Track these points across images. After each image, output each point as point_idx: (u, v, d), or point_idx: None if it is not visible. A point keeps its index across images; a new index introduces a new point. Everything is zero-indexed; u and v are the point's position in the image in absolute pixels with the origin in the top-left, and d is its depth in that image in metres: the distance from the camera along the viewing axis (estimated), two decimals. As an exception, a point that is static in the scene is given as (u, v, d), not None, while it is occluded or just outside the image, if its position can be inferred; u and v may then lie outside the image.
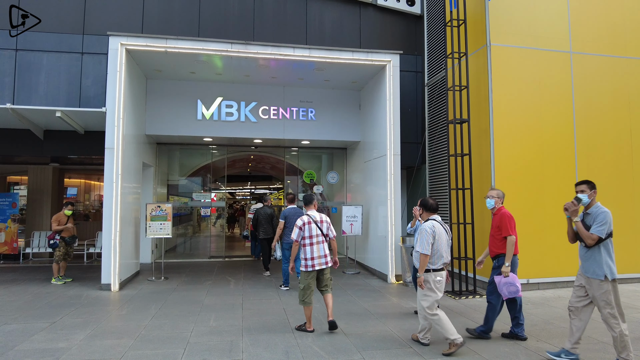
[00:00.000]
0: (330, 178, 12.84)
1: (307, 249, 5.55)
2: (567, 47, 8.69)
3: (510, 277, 5.20)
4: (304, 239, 5.58)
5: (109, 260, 7.96)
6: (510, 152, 8.21)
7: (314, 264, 5.51)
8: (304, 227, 5.59)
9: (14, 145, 9.91)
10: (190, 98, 10.46)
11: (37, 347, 4.91)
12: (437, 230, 4.95)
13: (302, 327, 5.65)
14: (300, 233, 5.58)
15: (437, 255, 4.92)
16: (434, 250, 4.90)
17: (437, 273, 4.93)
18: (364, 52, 9.22)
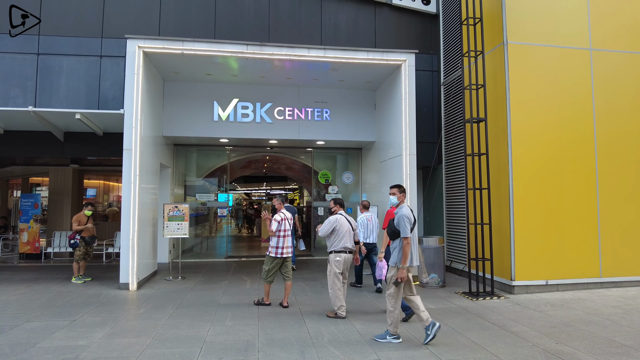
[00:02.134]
0: (345, 178, 12.82)
1: (281, 239, 6.71)
2: (586, 44, 8.52)
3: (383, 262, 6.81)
4: (279, 231, 6.69)
5: (127, 260, 8.08)
6: (528, 152, 8.08)
7: (282, 252, 6.70)
8: (282, 223, 6.74)
9: (36, 147, 10.14)
10: (207, 99, 10.56)
11: (58, 345, 5.00)
12: (340, 221, 6.38)
13: (261, 301, 6.90)
14: (278, 226, 6.70)
15: (337, 240, 6.29)
16: (335, 235, 6.31)
17: (337, 254, 6.30)
18: (379, 52, 9.18)
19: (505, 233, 8.10)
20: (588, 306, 6.94)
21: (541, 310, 6.70)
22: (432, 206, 11.28)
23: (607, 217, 8.31)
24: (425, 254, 8.54)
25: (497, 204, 8.25)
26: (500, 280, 8.16)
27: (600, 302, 7.19)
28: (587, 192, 8.29)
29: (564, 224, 8.09)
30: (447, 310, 6.72)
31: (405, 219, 5.17)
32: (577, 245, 8.13)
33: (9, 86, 9.66)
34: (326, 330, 5.59)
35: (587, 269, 8.15)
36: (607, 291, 8.02)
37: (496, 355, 4.73)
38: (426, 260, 8.52)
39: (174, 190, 11.77)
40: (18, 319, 6.05)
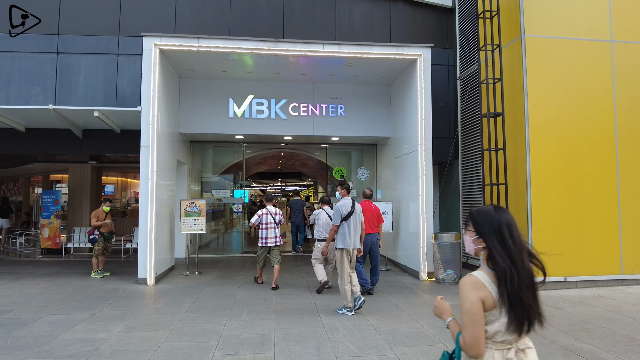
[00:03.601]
0: (360, 174, 12.79)
1: (264, 231, 7.97)
2: (607, 36, 8.33)
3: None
4: (260, 224, 7.95)
5: (145, 255, 8.20)
6: (546, 146, 7.95)
7: (266, 242, 7.96)
8: (262, 217, 7.98)
9: (56, 144, 10.35)
10: (222, 96, 10.63)
11: (79, 337, 5.11)
12: (320, 215, 7.67)
13: (256, 278, 8.47)
14: (258, 219, 7.98)
15: (318, 230, 7.59)
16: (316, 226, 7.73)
17: (318, 242, 7.59)
18: (394, 47, 9.11)
19: (522, 229, 7.97)
20: (608, 303, 6.82)
21: (559, 307, 6.60)
22: (448, 202, 11.18)
23: (629, 213, 8.13)
24: (441, 250, 8.48)
25: (514, 200, 8.15)
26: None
27: (621, 300, 7.05)
28: (608, 187, 8.12)
29: (583, 220, 7.95)
30: (464, 306, 6.67)
31: (337, 211, 6.29)
32: (597, 241, 7.98)
33: (30, 85, 9.85)
34: (341, 325, 5.60)
35: (607, 265, 8.00)
36: (628, 288, 7.87)
37: (513, 352, 4.68)
38: (442, 257, 8.46)
39: (190, 187, 11.89)
40: (41, 312, 6.20)
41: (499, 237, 1.93)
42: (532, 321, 1.90)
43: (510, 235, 1.93)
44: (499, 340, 1.90)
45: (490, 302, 1.88)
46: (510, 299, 1.85)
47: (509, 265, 1.87)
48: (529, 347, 1.96)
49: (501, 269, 1.87)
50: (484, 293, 1.88)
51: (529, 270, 1.93)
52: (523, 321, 1.87)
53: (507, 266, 1.87)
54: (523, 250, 1.94)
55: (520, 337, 1.94)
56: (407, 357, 4.53)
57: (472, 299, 1.87)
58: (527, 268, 1.93)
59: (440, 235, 8.64)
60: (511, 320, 1.86)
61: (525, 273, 1.91)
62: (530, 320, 1.89)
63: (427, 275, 8.83)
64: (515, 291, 1.85)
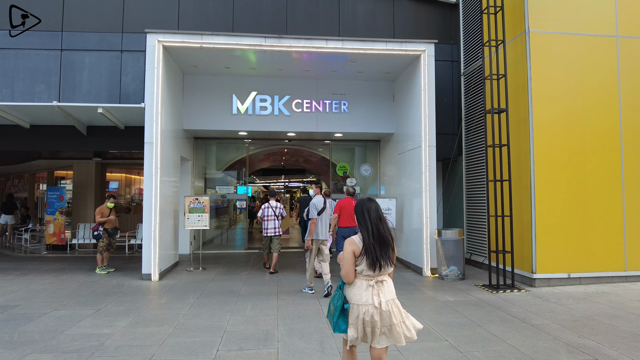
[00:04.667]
0: (363, 171, 12.79)
1: (265, 222, 9.12)
2: (613, 31, 8.27)
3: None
4: (263, 216, 9.13)
5: (149, 251, 8.24)
6: (550, 143, 7.92)
7: (267, 232, 9.08)
8: (264, 210, 9.16)
9: (60, 141, 10.41)
10: (226, 93, 10.64)
11: (84, 332, 5.15)
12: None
13: (264, 264, 9.57)
14: (261, 212, 9.17)
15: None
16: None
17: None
18: (398, 42, 9.09)
19: (526, 225, 7.98)
20: (612, 300, 6.81)
21: (563, 304, 6.60)
22: (452, 198, 11.17)
23: (633, 209, 8.10)
24: (444, 247, 8.48)
25: (518, 196, 8.13)
26: (521, 273, 8.06)
27: (625, 296, 7.04)
28: (612, 183, 8.09)
29: (588, 216, 7.93)
30: (467, 302, 6.68)
31: (313, 206, 7.18)
32: (601, 238, 7.95)
33: (34, 82, 9.89)
34: (345, 322, 5.62)
35: (611, 262, 7.98)
36: (632, 285, 7.85)
37: (516, 348, 4.69)
38: (445, 253, 8.46)
39: (194, 183, 11.93)
40: (46, 307, 6.25)
41: (361, 216, 3.21)
42: (382, 264, 3.11)
43: (369, 215, 3.18)
44: (364, 275, 3.14)
45: (357, 252, 3.14)
46: (367, 251, 3.10)
47: (366, 232, 3.14)
48: (385, 280, 3.18)
49: (362, 234, 3.17)
50: (354, 247, 3.14)
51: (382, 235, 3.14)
52: (375, 264, 3.09)
53: (365, 233, 3.15)
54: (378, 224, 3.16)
55: (379, 274, 3.14)
56: (410, 353, 4.54)
57: (347, 250, 3.15)
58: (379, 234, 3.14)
59: (443, 231, 8.63)
60: (368, 263, 3.10)
61: (376, 237, 3.12)
62: (380, 264, 3.10)
63: (430, 271, 8.84)
64: (368, 246, 3.10)
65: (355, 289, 3.13)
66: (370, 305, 3.05)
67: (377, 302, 3.06)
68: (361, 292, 3.09)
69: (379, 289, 3.11)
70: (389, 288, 3.17)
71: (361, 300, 3.07)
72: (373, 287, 3.10)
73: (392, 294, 3.17)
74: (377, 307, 3.05)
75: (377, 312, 3.05)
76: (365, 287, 3.10)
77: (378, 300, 3.06)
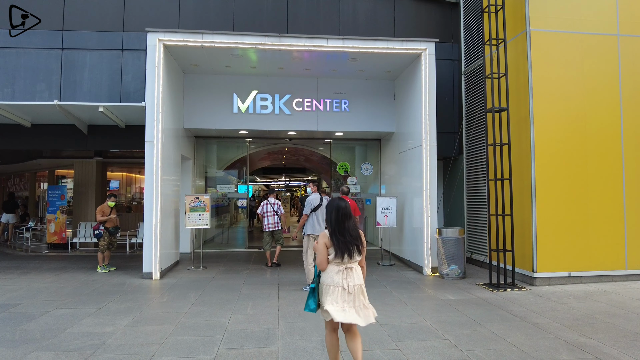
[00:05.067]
0: (364, 169, 12.80)
1: (266, 219, 9.73)
2: (614, 29, 8.26)
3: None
4: (263, 213, 9.74)
5: (150, 250, 8.25)
6: (551, 141, 7.92)
7: (269, 227, 9.70)
8: (264, 207, 9.80)
9: (61, 140, 10.41)
10: (226, 92, 10.64)
11: (86, 331, 5.17)
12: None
13: (266, 264, 9.69)
14: (261, 209, 9.81)
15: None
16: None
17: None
18: (399, 41, 9.08)
19: (527, 224, 7.98)
20: (613, 299, 6.81)
21: (564, 303, 6.60)
22: (453, 197, 11.17)
23: (634, 208, 8.10)
24: (445, 246, 8.49)
25: (518, 195, 8.13)
26: (521, 271, 8.06)
27: (626, 295, 7.04)
28: (613, 182, 8.09)
29: (588, 215, 7.93)
30: (468, 301, 6.68)
31: (308, 203, 7.60)
32: (602, 236, 7.96)
33: (35, 81, 9.90)
34: (345, 320, 5.63)
35: (612, 261, 7.98)
36: (633, 284, 7.85)
37: (517, 347, 4.69)
38: (446, 252, 8.47)
39: (195, 182, 11.94)
40: (48, 306, 6.26)
41: (330, 213, 3.76)
42: (350, 254, 3.66)
43: (336, 213, 3.71)
44: (335, 262, 3.68)
45: (329, 244, 3.68)
46: (334, 243, 3.66)
47: (330, 227, 3.72)
48: (353, 268, 3.73)
49: (329, 228, 3.74)
50: (326, 240, 3.70)
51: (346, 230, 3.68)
52: (343, 253, 3.64)
53: (330, 228, 3.73)
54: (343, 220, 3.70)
55: (348, 262, 3.69)
56: (410, 352, 4.55)
57: (320, 242, 3.71)
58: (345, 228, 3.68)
59: (444, 230, 8.64)
60: (336, 252, 3.65)
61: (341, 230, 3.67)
62: (349, 253, 3.65)
63: (431, 270, 8.85)
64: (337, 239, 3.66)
65: (328, 273, 3.71)
66: (340, 287, 3.65)
67: (345, 285, 3.65)
68: (332, 276, 3.69)
69: (347, 274, 3.69)
70: (357, 274, 3.73)
71: (332, 283, 3.68)
72: (342, 272, 3.68)
73: (359, 280, 3.74)
74: (345, 289, 3.65)
75: (345, 293, 3.65)
76: (335, 272, 3.69)
77: (346, 284, 3.66)
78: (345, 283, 3.65)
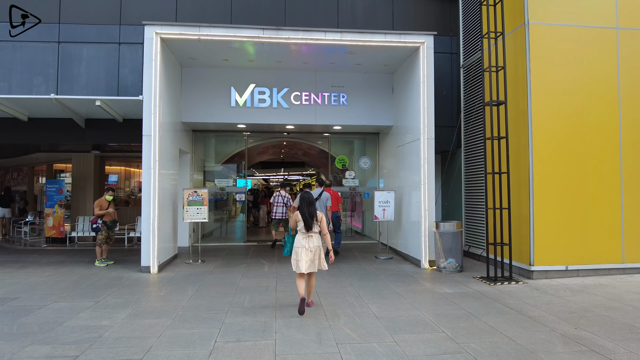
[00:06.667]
0: (362, 163, 12.79)
1: (274, 207, 11.27)
2: (613, 22, 8.22)
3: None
4: (275, 202, 11.23)
5: (148, 243, 8.26)
6: (549, 135, 7.91)
7: (276, 215, 11.21)
8: (275, 197, 11.31)
9: (58, 134, 10.40)
10: (224, 85, 10.60)
11: (83, 324, 5.18)
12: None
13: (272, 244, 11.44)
14: (273, 198, 11.39)
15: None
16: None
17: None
18: (397, 34, 9.04)
19: (524, 217, 7.99)
20: (609, 292, 6.83)
21: (560, 296, 6.62)
22: (451, 191, 11.18)
23: (631, 202, 8.11)
24: (442, 239, 8.50)
25: (516, 188, 8.14)
26: (518, 265, 8.08)
27: (622, 288, 7.07)
28: (610, 176, 8.09)
29: (586, 209, 7.94)
30: (465, 294, 6.70)
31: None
32: (599, 230, 7.97)
33: (32, 74, 9.86)
34: (342, 313, 5.65)
35: (609, 254, 8.01)
36: (629, 277, 7.87)
37: (513, 340, 4.71)
38: (444, 245, 8.48)
39: (193, 176, 11.93)
40: (46, 300, 6.28)
41: (300, 201, 5.65)
42: (310, 227, 5.56)
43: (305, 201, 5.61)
44: (301, 232, 5.60)
45: (298, 219, 5.61)
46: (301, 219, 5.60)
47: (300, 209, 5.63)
48: (312, 236, 5.60)
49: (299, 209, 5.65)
50: (297, 217, 5.63)
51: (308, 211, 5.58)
52: (305, 225, 5.55)
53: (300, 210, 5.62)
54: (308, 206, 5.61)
55: (309, 232, 5.58)
56: (407, 344, 4.56)
57: (293, 218, 5.71)
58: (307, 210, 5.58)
59: (442, 224, 8.65)
60: (301, 225, 5.58)
61: (303, 212, 5.58)
62: (308, 226, 5.56)
63: (428, 263, 8.87)
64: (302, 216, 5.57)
65: (297, 237, 5.68)
66: (303, 247, 5.57)
67: (307, 246, 5.57)
68: (300, 240, 5.61)
69: (309, 240, 5.60)
70: (315, 240, 5.63)
71: (300, 245, 5.59)
72: (305, 238, 5.60)
73: (317, 243, 5.63)
74: (307, 249, 5.55)
75: (306, 251, 5.55)
76: (301, 238, 5.61)
77: (307, 245, 5.57)
78: (307, 245, 5.56)
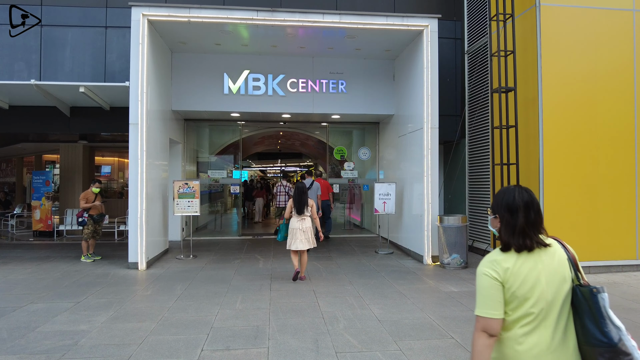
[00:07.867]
0: (361, 154, 12.31)
1: (277, 196, 11.93)
2: (629, 4, 7.73)
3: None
4: (278, 192, 11.89)
5: (136, 238, 7.81)
6: (561, 125, 7.45)
7: (279, 204, 11.79)
8: (278, 187, 12.02)
9: (42, 123, 9.89)
10: (216, 71, 10.08)
11: (58, 329, 4.73)
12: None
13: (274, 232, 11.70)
14: (276, 189, 12.12)
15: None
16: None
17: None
18: (399, 17, 8.52)
19: (534, 211, 7.55)
20: (625, 291, 6.42)
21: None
22: (454, 183, 10.73)
23: (646, 195, 7.69)
24: (446, 234, 8.07)
25: (525, 181, 7.69)
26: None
27: (639, 287, 6.66)
28: (625, 168, 7.65)
29: (598, 202, 7.51)
30: (472, 293, 6.27)
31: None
32: (612, 225, 7.55)
33: (13, 60, 9.34)
34: (342, 316, 5.22)
35: (622, 250, 7.60)
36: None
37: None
38: (447, 240, 8.06)
39: (185, 167, 11.44)
40: (22, 300, 5.83)
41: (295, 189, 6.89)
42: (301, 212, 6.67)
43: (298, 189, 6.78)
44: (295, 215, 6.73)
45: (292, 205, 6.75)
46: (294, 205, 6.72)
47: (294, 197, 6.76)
48: (304, 219, 6.71)
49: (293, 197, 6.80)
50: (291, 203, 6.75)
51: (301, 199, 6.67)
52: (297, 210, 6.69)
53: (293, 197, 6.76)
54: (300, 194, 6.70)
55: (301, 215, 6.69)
56: (413, 353, 4.14)
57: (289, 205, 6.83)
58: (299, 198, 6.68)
59: (445, 217, 8.21)
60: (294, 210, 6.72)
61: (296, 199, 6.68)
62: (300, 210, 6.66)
63: (431, 259, 8.44)
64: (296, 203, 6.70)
65: (292, 222, 6.67)
66: (297, 228, 6.61)
67: (299, 227, 6.60)
68: (294, 222, 6.64)
69: (301, 222, 6.64)
70: (307, 222, 6.67)
71: (294, 226, 6.61)
72: (299, 221, 6.63)
73: (308, 224, 6.68)
74: (300, 229, 6.59)
75: (300, 232, 6.58)
76: (296, 221, 6.65)
77: (300, 227, 6.61)
78: (300, 226, 6.63)
